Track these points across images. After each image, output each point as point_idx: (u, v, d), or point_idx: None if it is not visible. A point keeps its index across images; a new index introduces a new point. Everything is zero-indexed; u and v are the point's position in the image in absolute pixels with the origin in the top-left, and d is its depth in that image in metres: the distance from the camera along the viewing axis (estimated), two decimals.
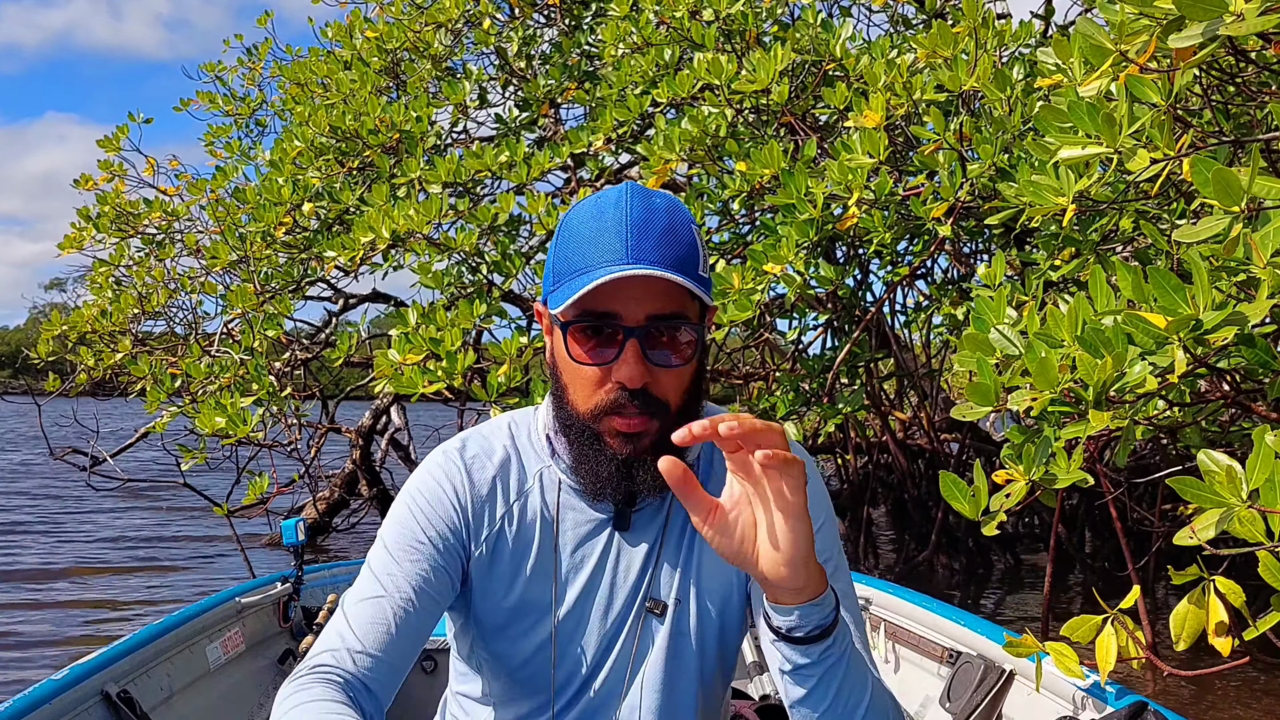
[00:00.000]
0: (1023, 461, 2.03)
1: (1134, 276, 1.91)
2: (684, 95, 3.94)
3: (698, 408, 1.23)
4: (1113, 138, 1.87)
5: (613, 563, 1.27)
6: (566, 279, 1.15)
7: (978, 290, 2.32)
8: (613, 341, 1.14)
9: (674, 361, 1.15)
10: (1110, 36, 1.94)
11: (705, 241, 1.32)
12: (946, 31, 3.09)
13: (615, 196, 1.17)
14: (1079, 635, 1.39)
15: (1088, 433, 1.74)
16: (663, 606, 1.26)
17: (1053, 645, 1.44)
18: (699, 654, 1.28)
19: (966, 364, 2.12)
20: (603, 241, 1.13)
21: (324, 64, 6.47)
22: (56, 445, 7.17)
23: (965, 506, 2.04)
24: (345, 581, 3.16)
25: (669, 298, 1.13)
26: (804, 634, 1.02)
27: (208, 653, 2.50)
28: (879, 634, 2.75)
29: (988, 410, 2.04)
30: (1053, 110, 2.34)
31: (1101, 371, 1.75)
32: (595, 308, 1.13)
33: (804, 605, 1.01)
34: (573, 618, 1.27)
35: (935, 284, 4.47)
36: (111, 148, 7.13)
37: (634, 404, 1.14)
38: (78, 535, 8.77)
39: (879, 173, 3.37)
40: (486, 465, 1.29)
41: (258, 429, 4.94)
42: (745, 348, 4.90)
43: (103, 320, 6.44)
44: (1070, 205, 2.01)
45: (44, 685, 1.86)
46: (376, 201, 5.14)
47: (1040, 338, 1.89)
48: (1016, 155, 3.28)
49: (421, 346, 4.14)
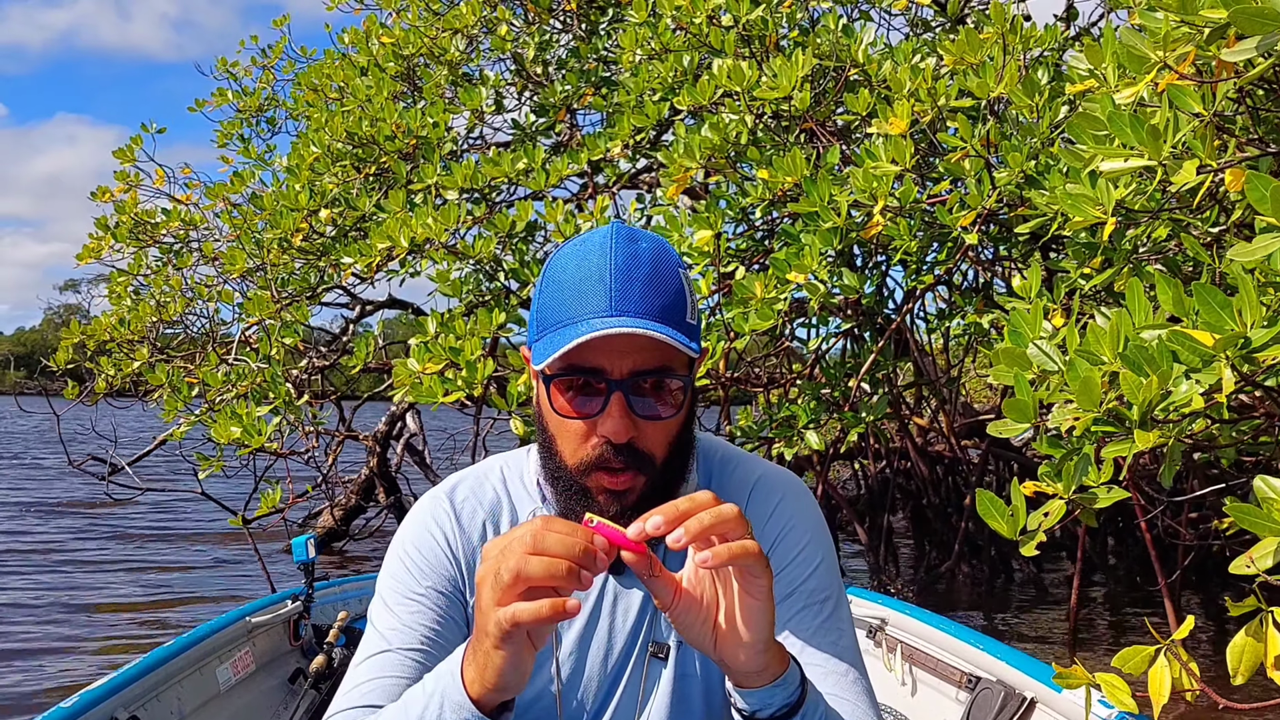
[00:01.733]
0: (1061, 480, 1.98)
1: (1175, 291, 1.86)
2: (705, 102, 3.90)
3: (685, 458, 1.21)
4: (1157, 149, 1.82)
5: (609, 606, 1.25)
6: (550, 330, 1.12)
7: (1012, 302, 2.27)
8: (597, 395, 1.11)
9: (661, 414, 1.13)
10: (1151, 44, 1.89)
11: (723, 249, 1.28)
12: (974, 37, 3.04)
13: (600, 241, 1.14)
14: (1130, 666, 1.34)
15: (1133, 452, 1.69)
16: (665, 649, 1.24)
17: (1103, 677, 1.39)
18: (704, 695, 1.26)
19: (1003, 378, 2.08)
20: (586, 291, 1.10)
21: (340, 70, 6.46)
22: (75, 454, 7.18)
23: (1003, 526, 1.99)
24: (355, 598, 3.14)
25: (654, 350, 1.10)
26: (769, 715, 1.00)
27: (218, 674, 2.49)
28: (895, 656, 2.69)
29: (1026, 427, 1.99)
30: (1087, 118, 2.29)
31: (1147, 390, 1.70)
32: (579, 362, 1.10)
33: (765, 688, 0.98)
34: (572, 663, 1.25)
35: (959, 290, 4.42)
36: (127, 158, 7.15)
37: (619, 459, 1.12)
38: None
39: (903, 180, 3.32)
40: (477, 510, 1.27)
41: (274, 438, 4.93)
42: (765, 356, 4.85)
43: (121, 329, 6.45)
44: (1110, 219, 1.96)
45: (54, 713, 1.85)
46: (393, 208, 5.13)
47: (1081, 354, 1.85)
48: (1044, 162, 3.23)
49: (441, 356, 4.12)
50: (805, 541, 1.24)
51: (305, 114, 6.97)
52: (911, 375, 6.42)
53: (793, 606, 1.20)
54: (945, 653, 2.51)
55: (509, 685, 0.95)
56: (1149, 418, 1.72)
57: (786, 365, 5.84)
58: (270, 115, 7.90)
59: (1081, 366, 1.78)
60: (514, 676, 0.94)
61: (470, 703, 0.97)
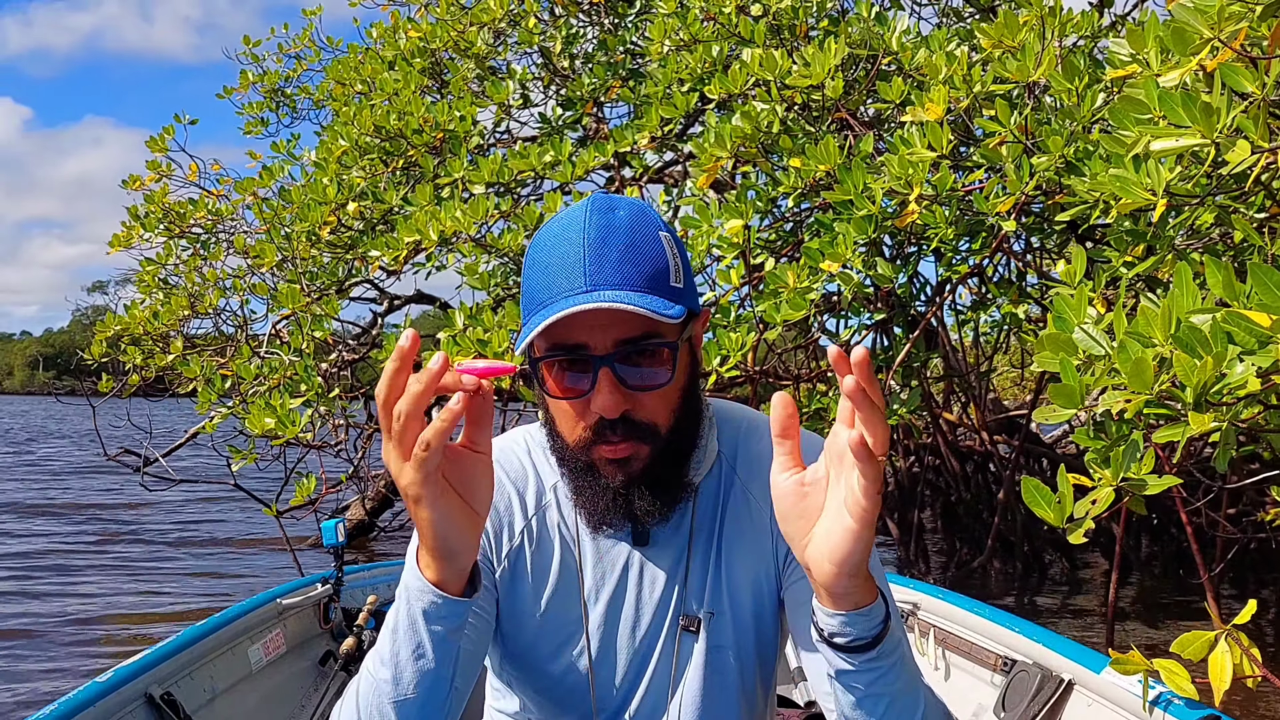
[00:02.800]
0: (1110, 466, 1.94)
1: (1225, 274, 1.82)
2: (737, 90, 3.87)
3: (695, 425, 1.20)
4: (1210, 127, 1.78)
5: (636, 579, 1.24)
6: (533, 312, 1.11)
7: (1055, 288, 2.23)
8: (585, 372, 1.10)
9: (653, 382, 1.11)
10: (1206, 21, 1.85)
11: (756, 236, 1.24)
12: (1013, 20, 2.99)
13: (576, 216, 1.13)
14: (1190, 652, 1.32)
15: (1187, 436, 1.66)
16: (696, 621, 1.23)
17: (1161, 663, 1.36)
18: (739, 667, 1.25)
19: (1047, 365, 2.04)
20: (562, 269, 1.09)
21: (367, 64, 6.48)
22: (111, 446, 7.28)
23: (1049, 513, 1.96)
24: (385, 582, 3.15)
25: (636, 319, 1.08)
26: (846, 642, 0.98)
27: (249, 654, 2.49)
28: (928, 640, 2.66)
29: (1072, 413, 1.96)
30: (1131, 101, 2.24)
31: (1201, 372, 1.66)
32: (564, 340, 1.09)
33: (849, 613, 0.97)
34: (600, 636, 1.24)
35: (993, 281, 4.36)
36: (159, 147, 7.22)
37: (616, 434, 1.11)
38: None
39: (939, 167, 3.28)
40: (504, 479, 1.26)
41: (306, 430, 4.96)
42: (797, 348, 4.81)
43: (154, 322, 6.52)
44: (1161, 200, 1.92)
45: (88, 688, 1.86)
46: (420, 201, 5.14)
47: (1131, 337, 1.81)
48: (1082, 148, 3.17)
49: (470, 348, 4.12)
50: None
51: (330, 105, 7.00)
52: (940, 370, 6.36)
53: None
54: (979, 636, 2.48)
55: (452, 548, 0.96)
56: (1204, 400, 1.69)
57: (815, 360, 5.81)
58: (292, 97, 7.88)
59: (1133, 348, 1.75)
60: (451, 534, 0.95)
61: (428, 584, 0.98)
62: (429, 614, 1.00)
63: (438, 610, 0.99)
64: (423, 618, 1.00)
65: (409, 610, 1.01)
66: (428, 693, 1.04)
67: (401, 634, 1.02)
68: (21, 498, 12.11)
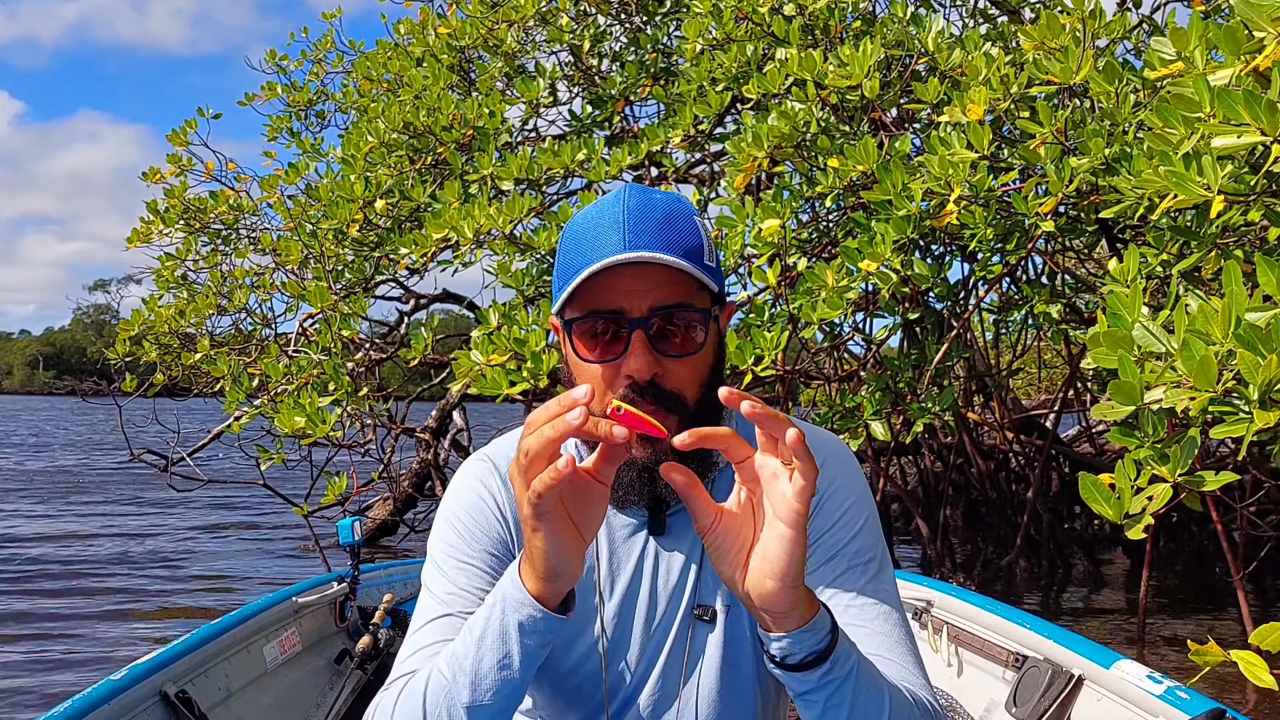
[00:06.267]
0: (1169, 463, 1.96)
1: (1277, 273, 1.84)
2: (775, 90, 3.89)
3: (719, 405, 1.16)
4: (1274, 124, 1.80)
5: (650, 569, 1.24)
6: (568, 278, 1.12)
7: (1109, 285, 2.24)
8: (619, 337, 1.10)
9: (686, 350, 1.12)
10: (1270, 18, 1.86)
11: (791, 236, 1.24)
12: (1055, 22, 3.00)
13: (613, 195, 1.15)
14: (1269, 643, 1.33)
15: (1253, 431, 1.68)
16: (712, 613, 1.23)
17: (1239, 654, 1.38)
18: (755, 661, 1.24)
19: (1103, 362, 2.06)
20: (600, 237, 1.10)
21: (395, 61, 6.51)
22: (132, 447, 7.31)
23: (1108, 510, 1.98)
24: (401, 581, 3.15)
25: (672, 286, 1.10)
26: (797, 661, 0.98)
27: (265, 653, 2.50)
28: (941, 637, 2.70)
29: (1131, 409, 1.97)
30: (1179, 99, 2.25)
31: (1267, 370, 1.68)
32: (599, 305, 1.10)
33: (794, 632, 0.96)
34: (614, 625, 1.24)
35: (1027, 282, 4.37)
36: (180, 142, 7.24)
37: (646, 401, 1.10)
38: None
39: (978, 168, 3.30)
40: None
41: (335, 428, 4.99)
42: (833, 346, 4.81)
43: (179, 320, 6.55)
44: (1218, 198, 1.94)
45: (103, 685, 1.87)
46: (448, 199, 5.16)
47: (1193, 334, 1.82)
48: (1120, 148, 3.18)
49: (505, 347, 4.14)
50: (849, 504, 1.23)
51: (356, 105, 7.03)
52: (963, 370, 6.37)
53: (836, 568, 1.20)
54: (991, 633, 2.51)
55: (558, 571, 0.97)
56: (1268, 397, 1.70)
57: (844, 361, 5.80)
58: (319, 109, 7.99)
59: (1197, 347, 1.76)
60: (559, 560, 0.96)
61: (529, 597, 0.99)
62: (525, 626, 1.01)
63: (535, 624, 1.00)
64: (517, 629, 1.01)
65: (503, 620, 1.02)
66: (505, 702, 1.05)
67: (489, 642, 1.02)
68: (43, 494, 12.19)
